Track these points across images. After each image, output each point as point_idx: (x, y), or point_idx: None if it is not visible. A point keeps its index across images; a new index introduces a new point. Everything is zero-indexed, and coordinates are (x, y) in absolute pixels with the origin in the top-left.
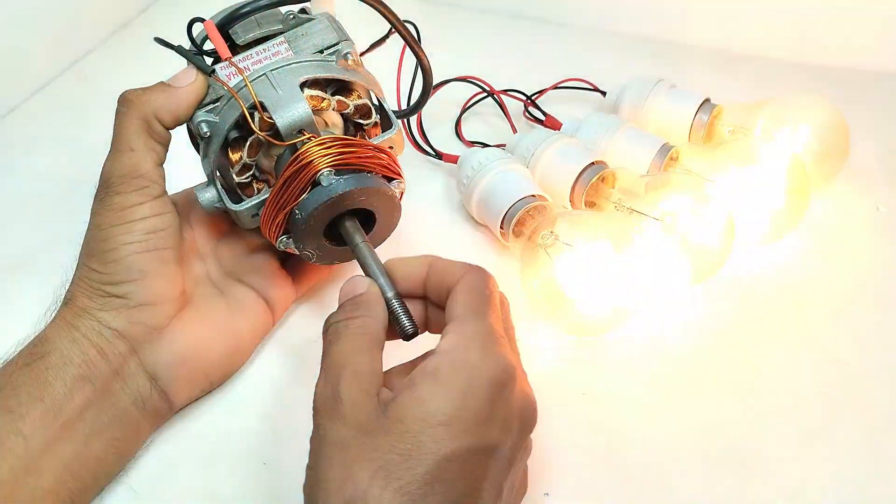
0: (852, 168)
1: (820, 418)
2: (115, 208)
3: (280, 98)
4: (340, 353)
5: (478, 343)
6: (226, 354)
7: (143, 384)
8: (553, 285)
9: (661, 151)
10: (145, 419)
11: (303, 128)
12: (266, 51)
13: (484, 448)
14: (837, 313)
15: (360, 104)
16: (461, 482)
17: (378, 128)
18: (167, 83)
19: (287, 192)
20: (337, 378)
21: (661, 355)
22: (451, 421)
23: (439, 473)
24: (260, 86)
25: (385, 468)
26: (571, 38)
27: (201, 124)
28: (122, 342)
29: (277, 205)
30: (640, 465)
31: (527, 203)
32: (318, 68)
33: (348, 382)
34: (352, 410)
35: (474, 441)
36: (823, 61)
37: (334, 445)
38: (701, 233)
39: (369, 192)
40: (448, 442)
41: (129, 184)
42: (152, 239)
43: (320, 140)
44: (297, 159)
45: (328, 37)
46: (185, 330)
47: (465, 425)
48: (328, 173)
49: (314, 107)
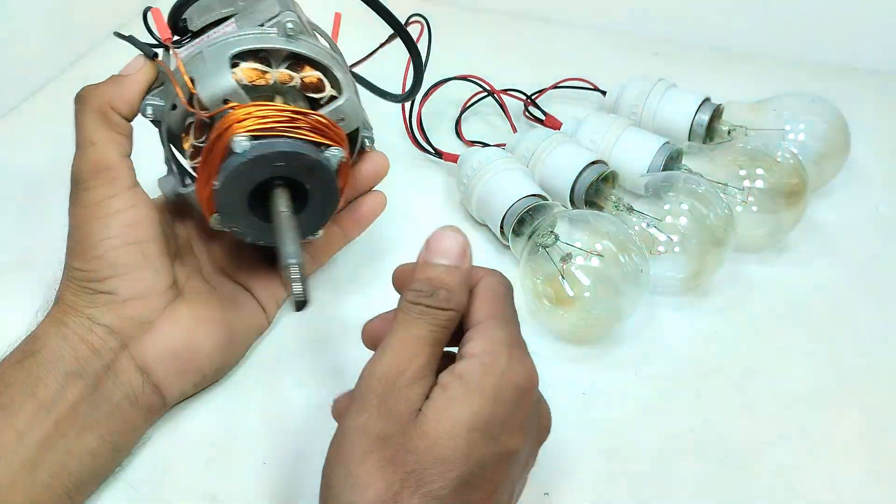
0: (852, 168)
1: (820, 418)
2: (87, 204)
3: (206, 72)
4: (414, 340)
5: (506, 348)
6: (218, 348)
7: (134, 378)
8: (553, 285)
9: (662, 151)
10: (139, 414)
11: (227, 97)
12: (214, 33)
13: (508, 453)
14: (837, 313)
15: (309, 77)
16: (485, 485)
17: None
18: (118, 74)
19: (208, 165)
20: (403, 368)
21: (661, 355)
22: (485, 426)
23: (470, 478)
24: (193, 63)
25: (417, 473)
26: (571, 38)
27: (147, 107)
28: (112, 338)
29: (202, 179)
30: (640, 465)
31: (527, 203)
32: (252, 41)
33: (411, 378)
34: (405, 407)
35: (502, 446)
36: (823, 61)
37: (376, 440)
38: (701, 232)
39: (288, 157)
40: (481, 447)
41: (97, 178)
42: (130, 232)
43: (242, 106)
44: (213, 134)
45: (272, 10)
46: (177, 324)
47: (496, 430)
48: (240, 140)
49: (252, 80)
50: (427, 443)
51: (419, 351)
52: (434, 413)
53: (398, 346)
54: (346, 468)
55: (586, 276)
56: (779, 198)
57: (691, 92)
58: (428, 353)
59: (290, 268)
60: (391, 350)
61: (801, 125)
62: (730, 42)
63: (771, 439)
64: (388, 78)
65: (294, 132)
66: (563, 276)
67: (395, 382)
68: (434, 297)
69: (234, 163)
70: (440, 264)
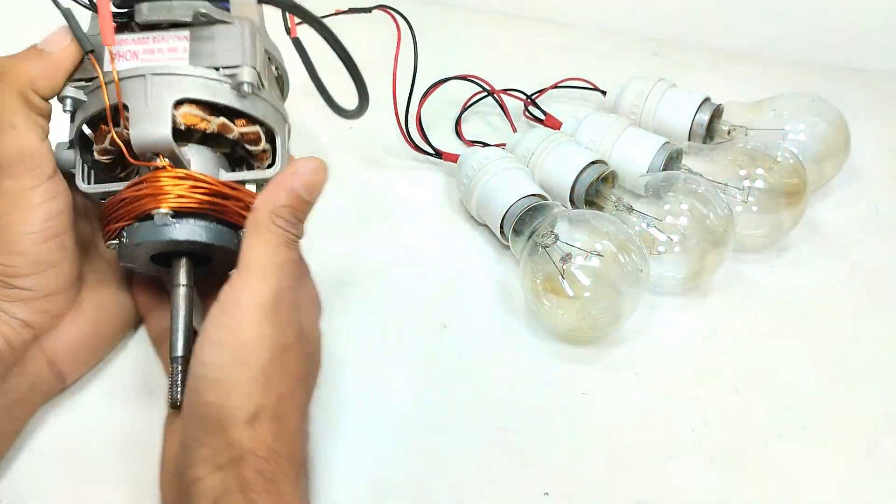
0: (852, 168)
1: (820, 418)
2: (8, 194)
3: (145, 111)
4: (288, 262)
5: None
6: (119, 332)
7: (42, 369)
8: (553, 285)
9: (662, 151)
10: (40, 398)
11: (158, 151)
12: (162, 42)
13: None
14: (837, 313)
15: (249, 132)
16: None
17: (269, 155)
18: (40, 48)
19: (122, 210)
20: (291, 285)
21: (661, 355)
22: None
23: (315, 350)
24: (133, 87)
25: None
26: (571, 37)
27: (67, 100)
28: (26, 331)
29: (111, 215)
30: (640, 465)
31: (527, 203)
32: (202, 89)
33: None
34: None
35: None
36: (823, 61)
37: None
38: (701, 232)
39: (205, 245)
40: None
41: (20, 165)
42: (51, 226)
43: (172, 173)
44: (141, 184)
45: (232, 55)
46: (85, 314)
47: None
48: (163, 213)
49: (191, 125)
50: (313, 347)
51: (295, 273)
52: (309, 328)
53: (280, 268)
54: (258, 370)
55: (586, 276)
56: (779, 198)
57: (691, 92)
58: (296, 276)
59: (175, 363)
60: (277, 273)
61: (801, 125)
62: (730, 42)
63: (771, 439)
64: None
65: (219, 214)
66: (563, 276)
67: (288, 298)
68: (297, 230)
69: (150, 235)
70: (301, 199)
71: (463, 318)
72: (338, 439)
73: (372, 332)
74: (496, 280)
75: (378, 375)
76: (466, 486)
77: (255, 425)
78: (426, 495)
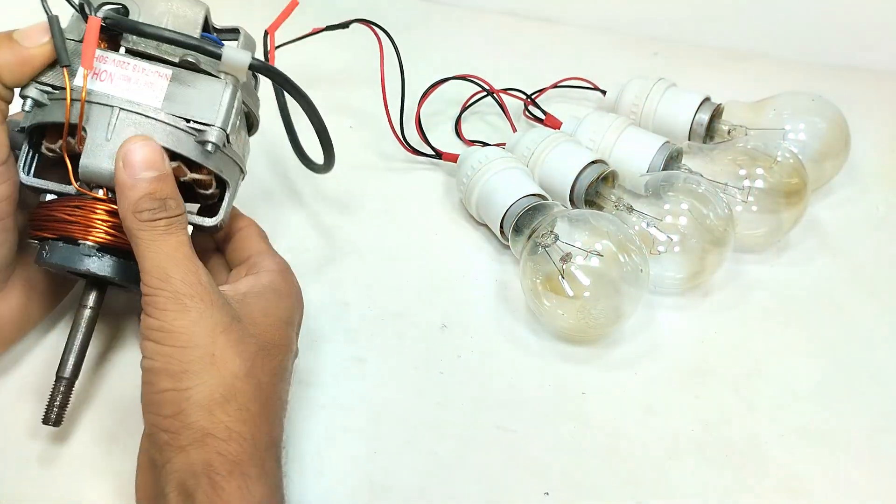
0: (852, 168)
1: (820, 418)
2: None
3: (103, 144)
4: (179, 249)
5: (287, 268)
6: (47, 309)
7: None
8: (553, 285)
9: (662, 150)
10: None
11: (104, 186)
12: (142, 74)
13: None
14: (837, 313)
15: (202, 178)
16: (288, 354)
17: (220, 200)
18: (13, 37)
19: (51, 224)
20: (198, 270)
21: (660, 355)
22: (290, 320)
23: (287, 357)
24: (98, 114)
25: (262, 351)
26: (571, 37)
27: (28, 100)
28: None
29: (40, 221)
30: (640, 465)
31: (527, 203)
32: (167, 137)
33: (209, 274)
34: (225, 300)
35: (295, 330)
36: (823, 61)
37: (219, 325)
38: (701, 232)
39: (118, 282)
40: (291, 333)
41: None
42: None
43: (109, 208)
44: (76, 209)
45: (207, 112)
46: (16, 291)
47: (295, 322)
48: (89, 246)
49: None
50: (260, 330)
51: (191, 255)
52: (261, 311)
53: (173, 259)
54: (201, 349)
55: (586, 275)
56: (779, 197)
57: (691, 91)
58: (195, 255)
59: (59, 382)
60: (173, 265)
61: (801, 125)
62: (730, 42)
63: (771, 439)
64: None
65: None
66: (563, 276)
67: (200, 280)
68: (168, 209)
69: (70, 261)
70: (151, 176)
71: (463, 318)
72: (337, 439)
73: (372, 331)
74: (496, 280)
75: (378, 375)
76: (466, 486)
77: (212, 406)
78: (426, 495)
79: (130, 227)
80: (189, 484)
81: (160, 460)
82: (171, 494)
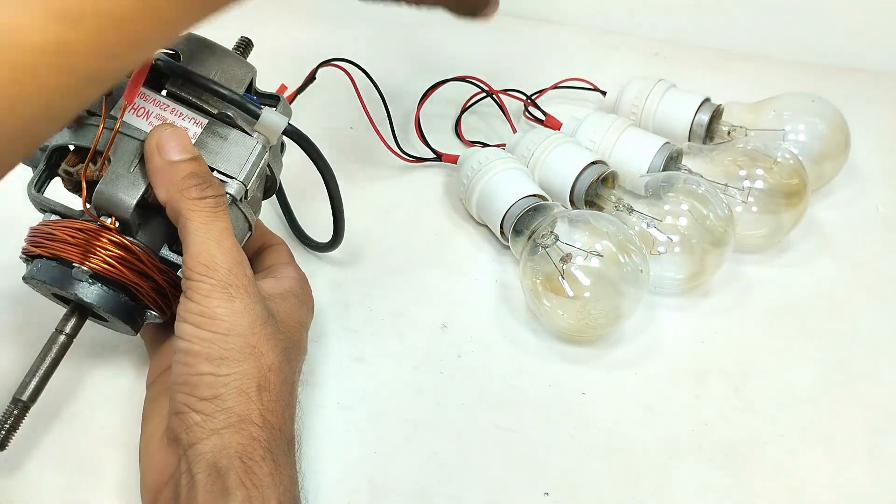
0: (852, 168)
1: (820, 418)
2: None
3: (124, 175)
4: (225, 233)
5: (305, 277)
6: None
7: None
8: (553, 285)
9: (662, 151)
10: None
11: (114, 215)
12: (178, 118)
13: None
14: (837, 313)
15: None
16: (300, 356)
17: None
18: None
19: (47, 242)
20: (241, 259)
21: (660, 355)
22: (307, 324)
23: (299, 358)
24: (126, 146)
25: (287, 350)
26: (571, 38)
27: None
28: None
29: (37, 238)
30: (640, 464)
31: (527, 203)
32: None
33: (246, 263)
34: (258, 290)
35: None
36: (823, 61)
37: (259, 318)
38: (701, 232)
39: (104, 312)
40: (305, 335)
41: None
42: None
43: (114, 238)
44: (79, 231)
45: (233, 164)
46: None
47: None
48: (83, 272)
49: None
50: (285, 328)
51: (237, 245)
52: (286, 313)
53: (221, 246)
54: (242, 339)
55: (586, 276)
56: (779, 198)
57: (691, 92)
58: (239, 246)
59: (14, 405)
60: (221, 252)
61: (801, 125)
62: (730, 42)
63: (771, 439)
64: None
65: (135, 291)
66: (563, 277)
67: (245, 272)
68: (214, 186)
69: (59, 284)
70: (189, 158)
71: (463, 318)
72: (337, 439)
73: (372, 331)
74: (496, 280)
75: (378, 375)
76: (466, 486)
77: (249, 393)
78: (426, 495)
79: (180, 207)
80: (222, 465)
81: (187, 440)
82: (199, 475)
